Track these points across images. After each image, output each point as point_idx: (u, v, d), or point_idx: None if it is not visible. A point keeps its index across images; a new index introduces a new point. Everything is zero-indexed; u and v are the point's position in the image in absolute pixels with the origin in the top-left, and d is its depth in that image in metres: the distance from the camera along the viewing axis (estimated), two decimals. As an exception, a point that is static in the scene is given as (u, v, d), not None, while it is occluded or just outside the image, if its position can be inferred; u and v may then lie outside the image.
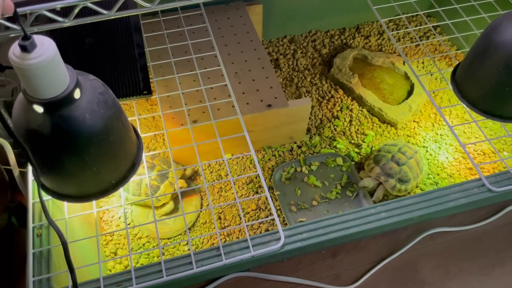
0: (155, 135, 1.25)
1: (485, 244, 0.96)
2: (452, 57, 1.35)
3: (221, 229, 1.10)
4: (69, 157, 0.56)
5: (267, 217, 1.10)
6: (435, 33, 1.29)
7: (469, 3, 1.11)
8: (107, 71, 0.92)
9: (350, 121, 1.30)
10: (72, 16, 0.68)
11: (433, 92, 1.35)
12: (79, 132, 0.54)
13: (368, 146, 1.25)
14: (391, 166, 1.12)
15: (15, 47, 0.46)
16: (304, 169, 1.20)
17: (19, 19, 0.47)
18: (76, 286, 0.61)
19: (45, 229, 0.77)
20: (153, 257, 1.07)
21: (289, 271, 0.90)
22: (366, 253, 0.94)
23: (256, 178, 1.18)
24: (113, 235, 1.09)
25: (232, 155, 1.22)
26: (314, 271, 0.91)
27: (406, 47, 1.48)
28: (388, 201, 0.80)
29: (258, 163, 0.81)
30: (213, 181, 1.18)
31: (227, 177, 1.17)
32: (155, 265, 0.72)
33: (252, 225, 1.11)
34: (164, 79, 1.05)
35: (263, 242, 0.74)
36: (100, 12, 0.70)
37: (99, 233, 0.76)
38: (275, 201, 1.15)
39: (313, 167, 1.20)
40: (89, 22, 0.73)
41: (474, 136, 1.27)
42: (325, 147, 1.25)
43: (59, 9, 0.65)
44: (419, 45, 1.48)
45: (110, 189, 0.64)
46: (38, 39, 0.46)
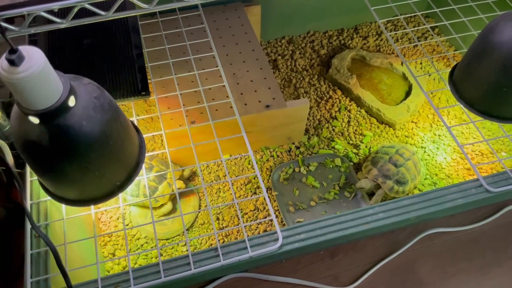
0: (153, 136, 1.25)
1: (483, 244, 0.96)
2: (450, 58, 1.35)
3: (219, 229, 1.10)
4: (70, 165, 0.56)
5: (265, 217, 1.11)
6: (433, 34, 1.29)
7: (467, 3, 1.11)
8: (105, 72, 0.92)
9: (348, 122, 1.30)
10: (69, 17, 0.68)
11: (431, 92, 1.35)
12: (78, 140, 0.53)
13: (366, 146, 1.25)
14: (388, 167, 1.12)
15: (3, 61, 0.44)
16: (302, 169, 1.20)
17: (4, 33, 0.45)
18: None
19: (43, 230, 0.77)
20: (151, 257, 1.07)
21: (287, 272, 0.90)
22: (364, 253, 0.94)
23: (254, 178, 1.18)
24: (111, 236, 1.09)
25: (230, 155, 1.22)
26: (312, 271, 0.91)
27: (404, 47, 1.48)
28: (385, 202, 0.80)
29: (256, 164, 0.81)
30: (211, 181, 1.18)
31: (225, 178, 1.17)
32: (153, 266, 0.72)
33: (250, 226, 1.11)
34: (162, 80, 1.05)
35: (261, 242, 0.74)
36: (98, 13, 0.69)
37: (97, 234, 0.76)
38: (273, 201, 1.15)
39: (311, 167, 1.20)
40: (87, 23, 0.73)
41: (472, 136, 1.27)
42: (323, 148, 1.25)
43: (56, 10, 0.65)
44: (417, 45, 1.48)
45: (115, 191, 0.64)
46: (25, 50, 0.45)
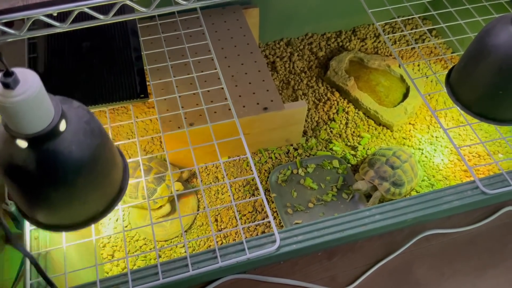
0: (152, 138, 1.25)
1: (479, 245, 0.96)
2: (447, 60, 1.35)
3: (217, 231, 1.11)
4: (55, 191, 0.54)
5: (263, 219, 1.11)
6: (430, 36, 1.29)
7: (464, 6, 1.12)
8: (104, 75, 0.93)
9: (346, 124, 1.31)
10: (69, 21, 0.68)
11: (429, 94, 1.36)
12: (66, 166, 0.51)
13: (364, 148, 1.26)
14: (385, 169, 1.13)
15: None
16: (300, 171, 1.20)
17: (1, 56, 0.44)
18: None
19: (42, 231, 0.78)
20: (150, 259, 1.07)
21: (285, 273, 0.90)
22: (362, 255, 0.94)
23: (252, 180, 1.18)
24: (110, 238, 1.09)
25: (228, 157, 1.23)
26: (310, 273, 0.91)
27: (401, 50, 1.49)
28: (382, 204, 0.81)
29: (254, 166, 0.81)
30: (210, 183, 1.18)
31: (223, 180, 1.18)
32: (151, 267, 0.72)
33: (248, 228, 1.11)
34: (161, 82, 1.06)
35: (259, 244, 0.75)
36: (96, 17, 0.70)
37: (96, 236, 0.76)
38: (271, 203, 1.15)
39: (309, 169, 1.21)
40: (86, 26, 0.73)
41: (469, 138, 1.28)
42: (321, 150, 1.25)
43: (55, 14, 0.65)
44: (414, 48, 1.49)
45: (97, 217, 0.61)
46: (21, 73, 0.44)
